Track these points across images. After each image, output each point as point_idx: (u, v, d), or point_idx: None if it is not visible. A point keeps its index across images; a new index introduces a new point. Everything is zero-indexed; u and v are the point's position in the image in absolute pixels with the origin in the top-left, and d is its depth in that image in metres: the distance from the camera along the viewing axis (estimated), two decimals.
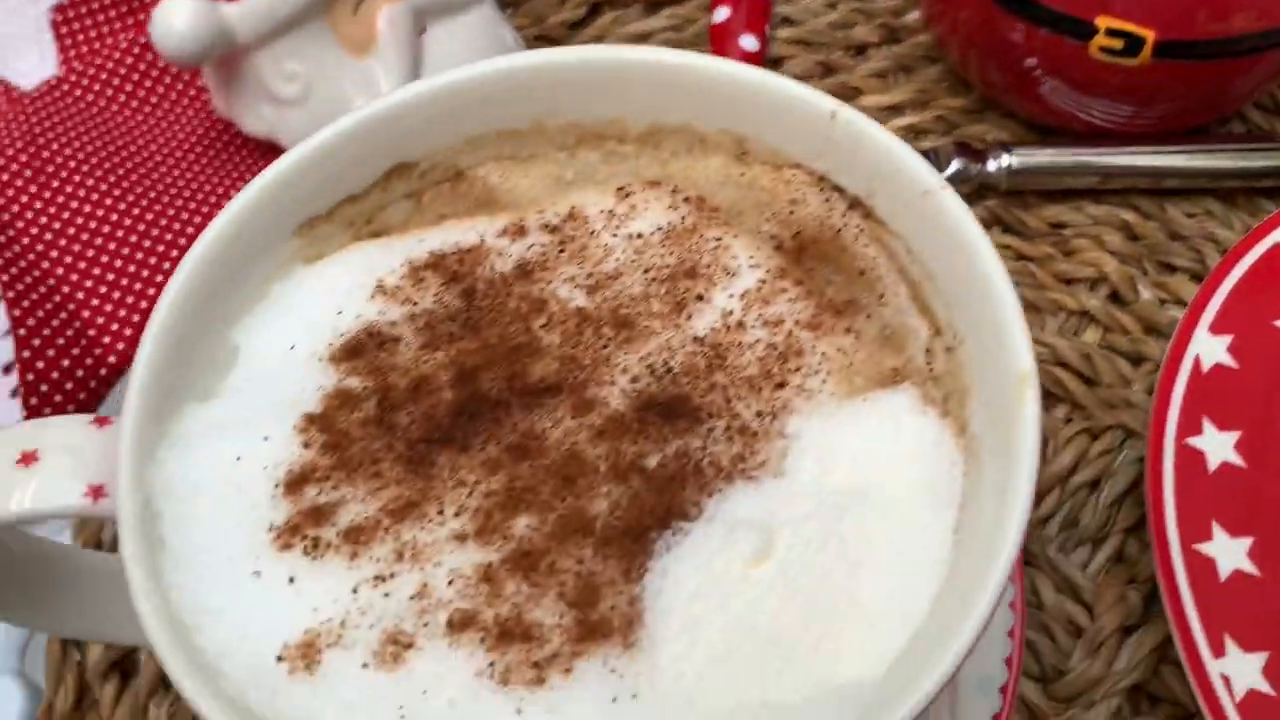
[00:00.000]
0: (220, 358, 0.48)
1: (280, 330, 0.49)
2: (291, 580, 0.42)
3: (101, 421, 0.46)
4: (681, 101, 0.51)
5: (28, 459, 0.44)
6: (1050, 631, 0.67)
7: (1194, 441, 0.65)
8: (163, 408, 0.45)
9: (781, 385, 0.46)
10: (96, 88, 0.89)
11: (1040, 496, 0.71)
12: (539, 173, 0.54)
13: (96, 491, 0.44)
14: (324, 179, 0.51)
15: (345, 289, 0.50)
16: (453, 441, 0.45)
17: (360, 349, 0.48)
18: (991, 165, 0.81)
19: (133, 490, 0.43)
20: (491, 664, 0.40)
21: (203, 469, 0.44)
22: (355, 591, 0.42)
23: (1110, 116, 0.81)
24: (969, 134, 0.86)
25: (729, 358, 0.47)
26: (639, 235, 0.50)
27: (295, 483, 0.44)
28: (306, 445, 0.45)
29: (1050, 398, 0.74)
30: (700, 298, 0.48)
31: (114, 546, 0.72)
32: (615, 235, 0.51)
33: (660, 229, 0.50)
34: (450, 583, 0.42)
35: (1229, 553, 0.61)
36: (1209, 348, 0.67)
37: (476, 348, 0.47)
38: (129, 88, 0.90)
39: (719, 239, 0.50)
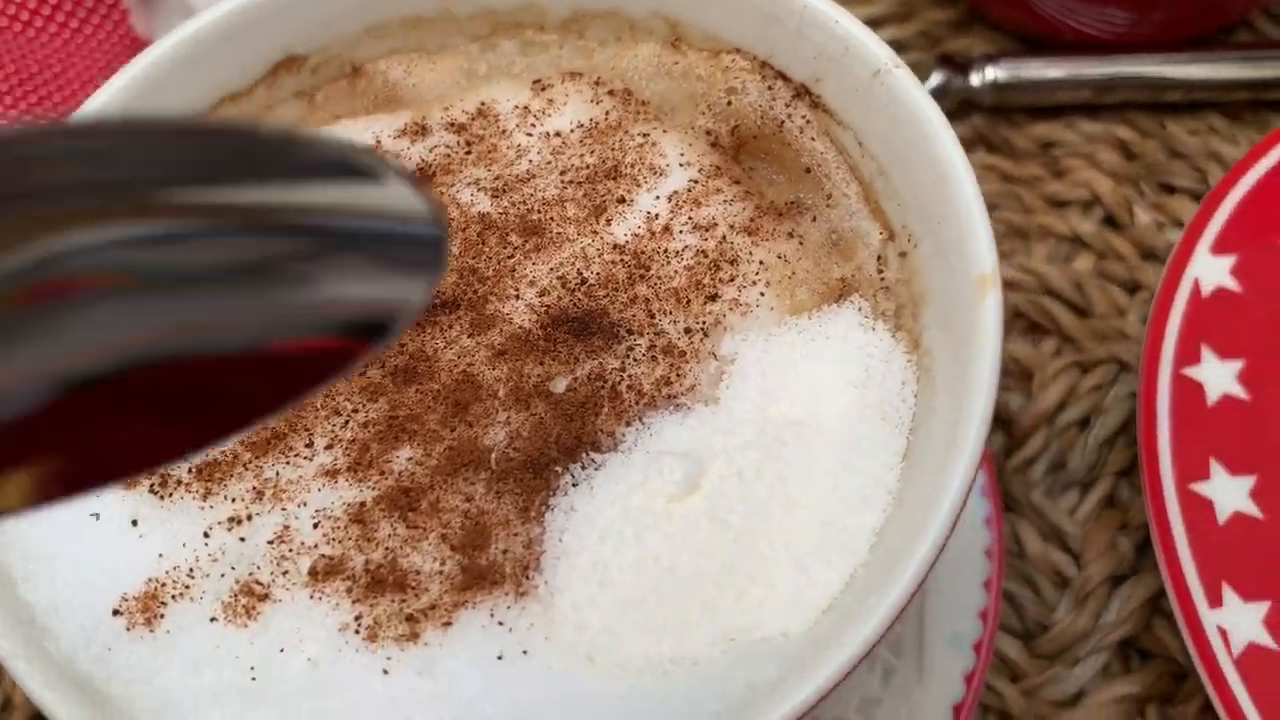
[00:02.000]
0: None
1: None
2: (135, 522, 0.36)
3: None
4: None
5: None
6: (1034, 583, 0.61)
7: (1192, 372, 0.58)
8: None
9: (713, 298, 0.40)
10: (12, 10, 0.83)
11: (1024, 437, 0.65)
12: (447, 65, 0.47)
13: None
14: (197, 75, 0.44)
15: None
16: None
17: None
18: (975, 79, 0.74)
19: None
20: (358, 617, 0.34)
21: None
22: (207, 535, 0.36)
23: (1107, 24, 0.74)
24: (954, 49, 0.79)
25: (653, 267, 0.41)
26: (556, 133, 0.44)
27: None
28: None
29: (1037, 329, 0.68)
30: (622, 200, 0.42)
31: None
32: (530, 134, 0.44)
33: (581, 126, 0.44)
34: (316, 525, 0.36)
35: (1229, 493, 0.56)
36: (1210, 269, 0.61)
37: None
38: (46, 10, 0.83)
39: (645, 135, 0.44)
